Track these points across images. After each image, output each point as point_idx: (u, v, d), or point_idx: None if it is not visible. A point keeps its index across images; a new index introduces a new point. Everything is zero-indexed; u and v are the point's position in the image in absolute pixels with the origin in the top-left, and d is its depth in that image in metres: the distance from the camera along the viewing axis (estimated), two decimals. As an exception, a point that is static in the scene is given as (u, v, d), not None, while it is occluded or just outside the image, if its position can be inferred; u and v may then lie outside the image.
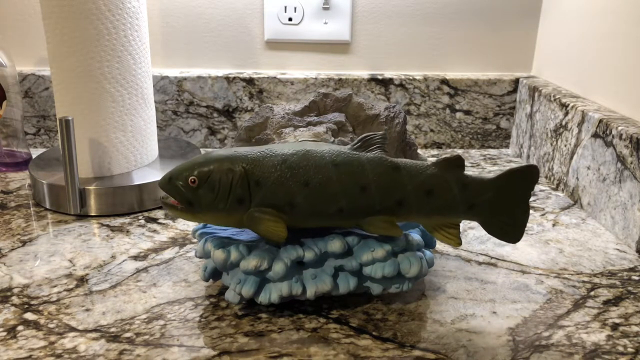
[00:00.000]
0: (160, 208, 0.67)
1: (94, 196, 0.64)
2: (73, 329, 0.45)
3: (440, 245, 0.59)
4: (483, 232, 0.62)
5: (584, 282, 0.53)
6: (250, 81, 0.85)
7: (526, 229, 0.64)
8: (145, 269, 0.54)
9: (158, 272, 0.53)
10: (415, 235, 0.48)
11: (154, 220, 0.64)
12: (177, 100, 0.85)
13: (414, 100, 0.87)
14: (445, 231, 0.47)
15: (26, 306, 0.48)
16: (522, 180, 0.46)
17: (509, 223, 0.47)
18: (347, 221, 0.46)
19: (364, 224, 0.46)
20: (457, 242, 0.47)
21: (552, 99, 0.76)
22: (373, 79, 0.86)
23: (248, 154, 0.45)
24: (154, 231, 0.61)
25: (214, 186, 0.44)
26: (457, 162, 0.45)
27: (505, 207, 0.47)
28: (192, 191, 0.44)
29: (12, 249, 0.57)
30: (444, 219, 0.47)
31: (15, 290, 0.50)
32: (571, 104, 0.72)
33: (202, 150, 0.84)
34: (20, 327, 0.45)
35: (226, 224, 0.46)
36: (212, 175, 0.44)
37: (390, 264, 0.46)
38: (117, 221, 0.63)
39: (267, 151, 0.45)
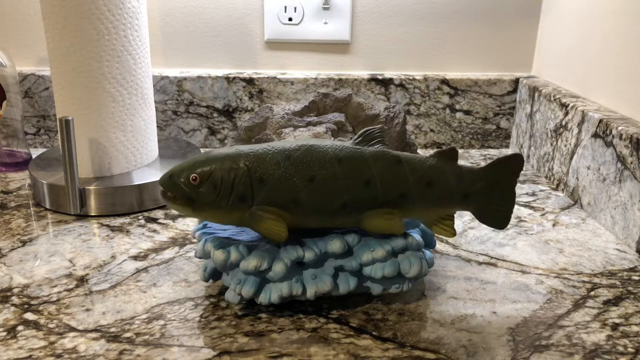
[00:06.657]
0: (160, 208, 0.67)
1: (94, 196, 0.64)
2: (73, 329, 0.45)
3: (440, 245, 0.59)
4: (483, 232, 0.62)
5: (584, 282, 0.53)
6: (250, 81, 0.85)
7: (526, 229, 0.64)
8: (145, 269, 0.54)
9: (158, 272, 0.53)
10: (416, 235, 0.48)
11: (154, 220, 0.64)
12: (177, 100, 0.85)
13: (414, 100, 0.87)
14: (441, 223, 0.49)
15: (26, 306, 0.48)
16: (509, 168, 0.48)
17: (497, 210, 0.49)
18: (350, 217, 0.46)
19: (365, 220, 0.46)
20: (452, 232, 0.48)
21: (552, 99, 0.76)
22: (373, 79, 0.86)
23: (250, 151, 0.45)
24: (154, 231, 0.61)
25: (216, 184, 0.44)
26: (452, 154, 0.47)
27: (495, 194, 0.49)
28: (194, 189, 0.44)
29: (12, 249, 0.57)
30: (442, 210, 0.48)
31: (15, 290, 0.50)
32: (571, 104, 0.72)
33: (202, 150, 0.84)
34: (20, 327, 0.45)
35: (227, 221, 0.46)
36: (214, 172, 0.44)
37: (390, 264, 0.46)
38: (117, 221, 0.63)
39: (270, 148, 0.45)
